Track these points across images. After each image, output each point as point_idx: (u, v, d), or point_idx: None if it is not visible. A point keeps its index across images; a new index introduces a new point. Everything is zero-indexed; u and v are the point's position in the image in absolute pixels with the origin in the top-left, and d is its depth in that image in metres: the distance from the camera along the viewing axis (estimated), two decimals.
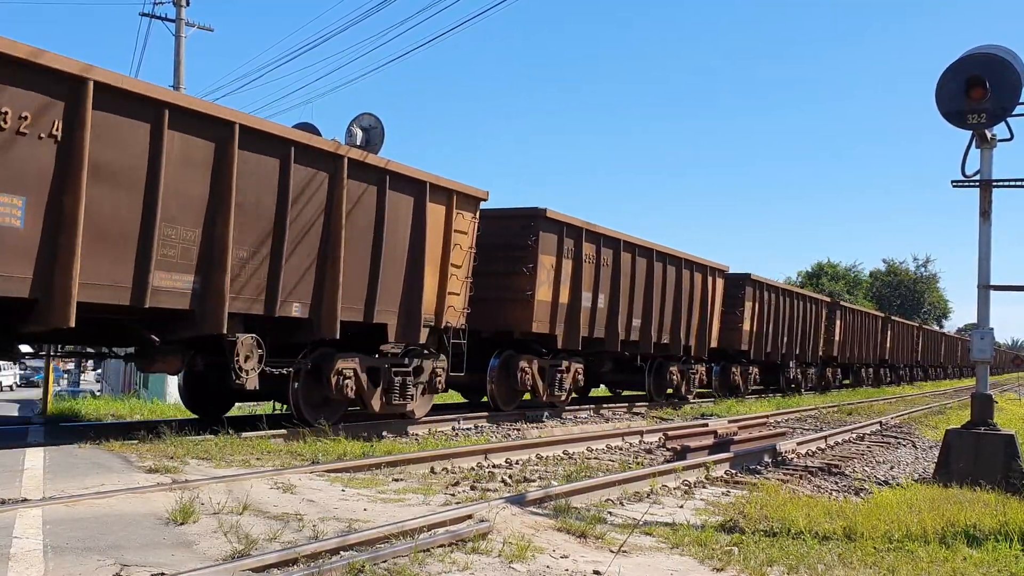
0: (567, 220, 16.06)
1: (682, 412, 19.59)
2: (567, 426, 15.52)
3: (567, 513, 6.62)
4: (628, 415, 18.06)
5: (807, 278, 77.68)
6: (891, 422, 19.17)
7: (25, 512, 5.73)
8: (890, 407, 24.82)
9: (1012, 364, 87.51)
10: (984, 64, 10.41)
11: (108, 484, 6.91)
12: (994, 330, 10.99)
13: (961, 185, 10.98)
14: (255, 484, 7.13)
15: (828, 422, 18.86)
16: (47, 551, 4.87)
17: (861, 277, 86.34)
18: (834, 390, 33.80)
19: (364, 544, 5.27)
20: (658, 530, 6.44)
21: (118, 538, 5.24)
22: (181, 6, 24.47)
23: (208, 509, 6.03)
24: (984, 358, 10.87)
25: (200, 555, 4.99)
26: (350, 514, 6.32)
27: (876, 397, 30.20)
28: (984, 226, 10.83)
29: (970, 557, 6.24)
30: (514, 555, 5.30)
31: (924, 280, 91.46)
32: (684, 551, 5.90)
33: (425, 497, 7.22)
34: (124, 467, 7.86)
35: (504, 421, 14.85)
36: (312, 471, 8.04)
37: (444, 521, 5.93)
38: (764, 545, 6.10)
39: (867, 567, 5.75)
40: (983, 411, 10.73)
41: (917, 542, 6.53)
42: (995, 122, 10.52)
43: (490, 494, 7.56)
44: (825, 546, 6.21)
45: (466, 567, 5.03)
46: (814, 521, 7.03)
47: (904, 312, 75.02)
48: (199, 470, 7.90)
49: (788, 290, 29.55)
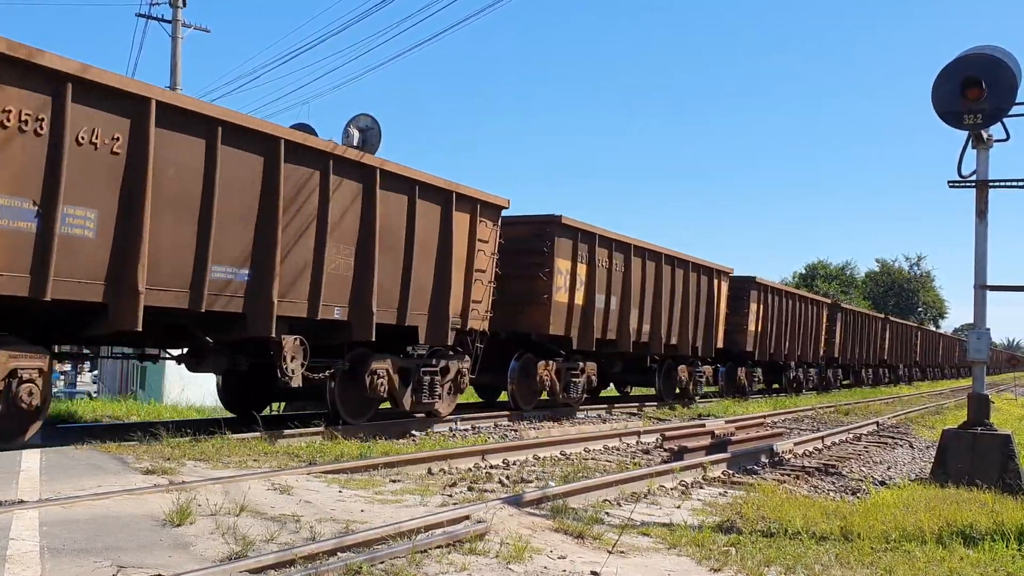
0: (581, 226, 16.58)
1: (681, 413, 19.63)
2: (565, 427, 15.51)
3: (564, 514, 6.62)
4: (625, 416, 18.05)
5: (801, 279, 77.74)
6: (888, 422, 19.20)
7: (22, 514, 5.71)
8: (887, 407, 24.87)
9: (1008, 364, 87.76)
10: (980, 64, 10.43)
11: (105, 485, 6.90)
12: (990, 330, 11.02)
13: (957, 185, 11.00)
14: (252, 485, 7.12)
15: (825, 422, 18.88)
16: (44, 553, 4.86)
17: (855, 277, 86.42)
18: (834, 390, 34.32)
19: (361, 545, 5.27)
20: (655, 530, 6.45)
21: (115, 539, 5.23)
22: (178, 7, 24.46)
23: (205, 510, 6.02)
24: (980, 358, 10.89)
25: (197, 556, 4.99)
26: (347, 515, 6.32)
27: (873, 397, 30.27)
28: (980, 226, 10.85)
29: (967, 557, 6.25)
30: (511, 556, 5.30)
31: (918, 279, 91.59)
32: (681, 551, 5.90)
33: (422, 498, 7.22)
34: (121, 468, 7.84)
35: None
36: (309, 472, 8.03)
37: (441, 522, 5.93)
38: (761, 545, 6.11)
39: (864, 567, 5.76)
40: (980, 411, 10.75)
41: (914, 542, 6.54)
42: (991, 122, 10.54)
43: (487, 495, 7.55)
44: (822, 546, 6.22)
45: (463, 568, 5.03)
46: (811, 521, 7.04)
47: (899, 312, 75.12)
48: (196, 471, 7.89)
49: (791, 292, 30.32)
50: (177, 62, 24.20)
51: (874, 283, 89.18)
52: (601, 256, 17.38)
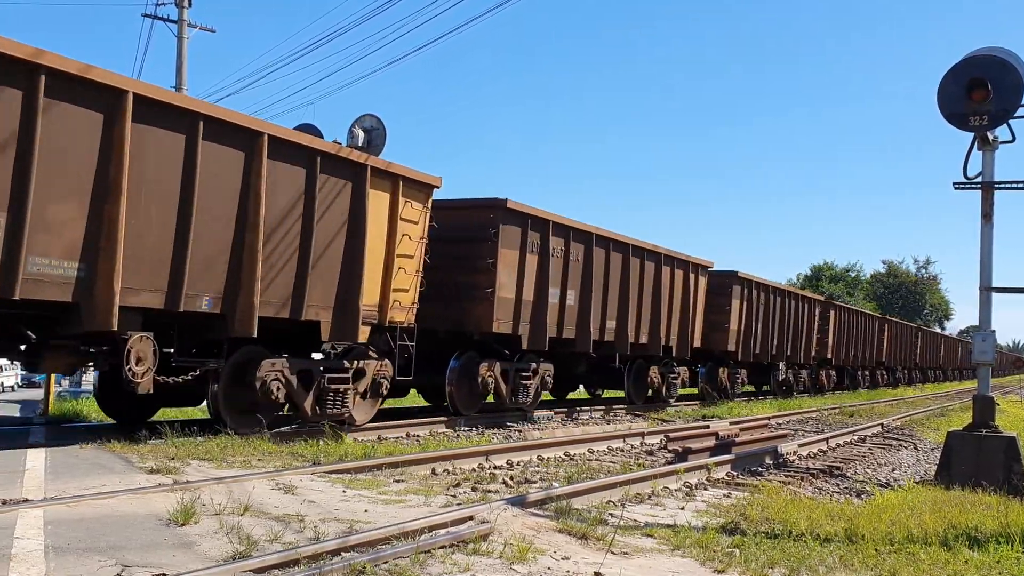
0: (532, 212, 14.96)
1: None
2: (569, 427, 15.50)
3: (568, 514, 6.62)
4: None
5: (806, 280, 77.62)
6: (893, 424, 19.17)
7: (26, 512, 5.73)
8: (891, 409, 24.81)
9: (1013, 366, 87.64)
10: (986, 66, 10.41)
11: (109, 485, 6.91)
12: (996, 332, 11.00)
13: (963, 187, 10.98)
14: (256, 485, 7.14)
15: (830, 424, 18.85)
16: (48, 551, 4.87)
17: (861, 278, 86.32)
18: (828, 393, 32.58)
19: (365, 545, 5.27)
20: (659, 531, 6.44)
21: (119, 539, 5.25)
22: (183, 7, 24.49)
23: (209, 510, 6.03)
24: (986, 360, 10.88)
25: (201, 556, 4.99)
26: (351, 515, 6.32)
27: (878, 399, 30.14)
28: (986, 228, 10.83)
29: (971, 559, 6.23)
30: (515, 556, 5.30)
31: (925, 282, 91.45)
32: (685, 553, 5.90)
33: (426, 498, 7.22)
34: (125, 468, 7.86)
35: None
36: (313, 472, 8.04)
37: (445, 522, 5.93)
38: (765, 547, 6.10)
39: (868, 569, 5.75)
40: (985, 413, 10.73)
41: (918, 544, 6.53)
42: (997, 124, 10.53)
43: (491, 495, 7.55)
44: (826, 548, 6.21)
45: (467, 568, 5.03)
46: (815, 523, 7.03)
47: (905, 314, 74.96)
48: (200, 471, 7.90)
49: (778, 288, 27.99)
50: (183, 62, 24.24)
51: (880, 284, 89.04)
52: (556, 246, 15.64)
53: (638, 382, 19.82)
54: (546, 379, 16.25)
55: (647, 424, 16.60)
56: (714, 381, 24.11)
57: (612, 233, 17.65)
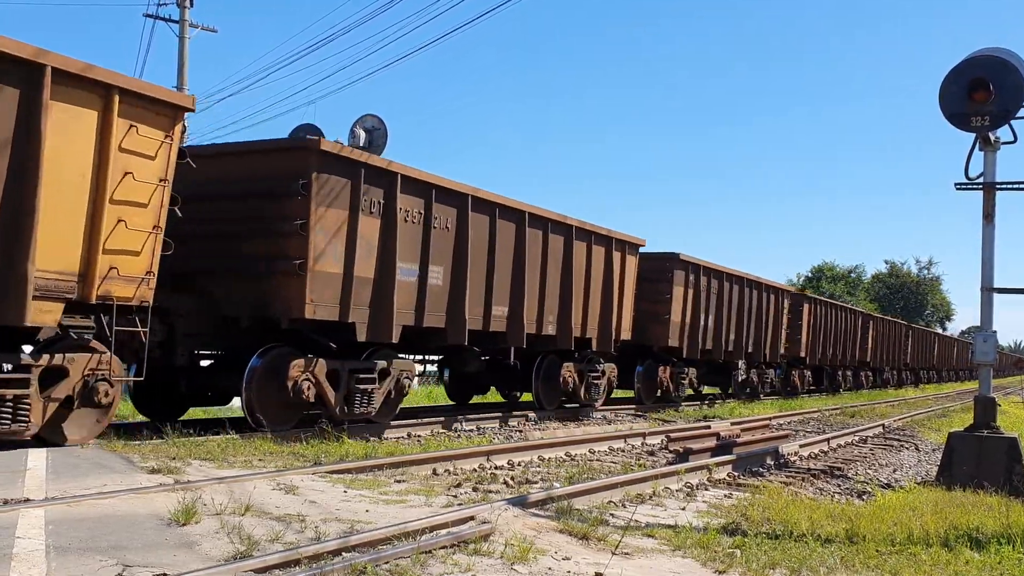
0: (365, 160, 11.47)
1: (684, 414, 19.53)
2: (571, 428, 15.49)
3: (569, 515, 6.62)
4: (631, 418, 17.97)
5: (807, 280, 77.64)
6: (894, 424, 19.17)
7: (27, 512, 5.73)
8: (892, 410, 24.84)
9: (1014, 367, 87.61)
10: (987, 67, 10.41)
11: (110, 484, 6.91)
12: (997, 333, 10.99)
13: (964, 188, 10.97)
14: (257, 485, 7.14)
15: (831, 424, 18.87)
16: (49, 551, 4.87)
17: (862, 279, 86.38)
18: (803, 396, 29.55)
19: (366, 545, 5.27)
20: (660, 532, 6.44)
21: (120, 538, 5.25)
22: (185, 7, 24.52)
23: (210, 510, 6.03)
24: (987, 361, 10.87)
25: (202, 556, 5.00)
26: (352, 515, 6.33)
27: (878, 400, 30.11)
28: (987, 229, 10.82)
29: (973, 560, 6.23)
30: (516, 557, 5.30)
31: (927, 282, 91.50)
32: (686, 553, 5.90)
33: (427, 498, 7.22)
34: (126, 468, 7.86)
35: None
36: (314, 472, 8.04)
37: (446, 523, 5.93)
38: (766, 547, 6.10)
39: (869, 570, 5.75)
40: (986, 414, 10.73)
41: (920, 545, 6.53)
42: (998, 125, 10.53)
43: (492, 496, 7.56)
44: (827, 548, 6.21)
45: (468, 568, 5.03)
46: (816, 523, 7.03)
47: (907, 314, 74.92)
48: (201, 471, 7.91)
49: (736, 276, 24.05)
50: (184, 62, 24.27)
51: (882, 285, 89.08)
52: (407, 206, 12.07)
53: (549, 383, 16.23)
54: (403, 382, 12.57)
55: (648, 424, 16.62)
56: (653, 381, 20.40)
57: (499, 197, 14.05)
